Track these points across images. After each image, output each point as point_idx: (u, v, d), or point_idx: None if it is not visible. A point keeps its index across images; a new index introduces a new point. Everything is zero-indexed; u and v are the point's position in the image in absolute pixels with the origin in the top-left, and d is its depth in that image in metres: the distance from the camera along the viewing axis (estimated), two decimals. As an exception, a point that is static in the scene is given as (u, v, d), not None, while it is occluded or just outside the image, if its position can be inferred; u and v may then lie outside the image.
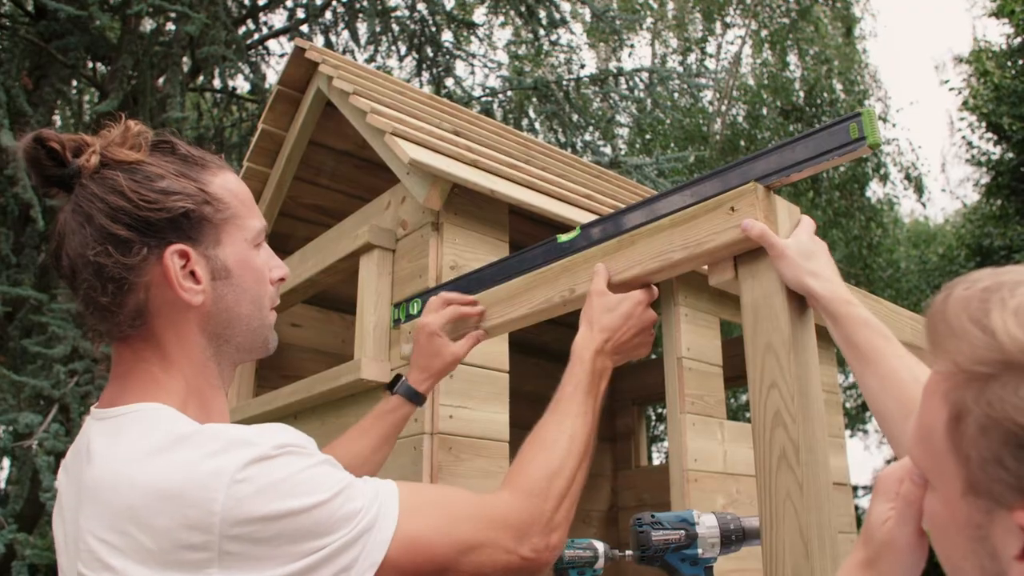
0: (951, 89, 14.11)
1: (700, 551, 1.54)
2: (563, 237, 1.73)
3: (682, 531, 1.56)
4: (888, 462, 23.35)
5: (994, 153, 13.25)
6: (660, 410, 12.88)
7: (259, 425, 0.96)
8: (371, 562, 0.94)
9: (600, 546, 1.71)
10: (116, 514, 0.90)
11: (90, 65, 7.35)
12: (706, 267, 1.45)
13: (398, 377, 1.72)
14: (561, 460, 1.20)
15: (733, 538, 1.58)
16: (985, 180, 13.81)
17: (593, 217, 2.51)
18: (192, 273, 1.04)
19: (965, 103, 13.58)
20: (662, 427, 15.01)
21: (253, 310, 1.11)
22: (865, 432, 23.35)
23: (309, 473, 0.92)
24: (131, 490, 0.90)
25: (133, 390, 1.03)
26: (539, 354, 4.20)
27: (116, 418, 1.00)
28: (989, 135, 13.16)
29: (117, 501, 0.90)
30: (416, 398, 1.70)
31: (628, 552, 1.74)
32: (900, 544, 0.80)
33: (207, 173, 1.09)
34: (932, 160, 41.56)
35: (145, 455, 0.92)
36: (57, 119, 8.20)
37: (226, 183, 1.10)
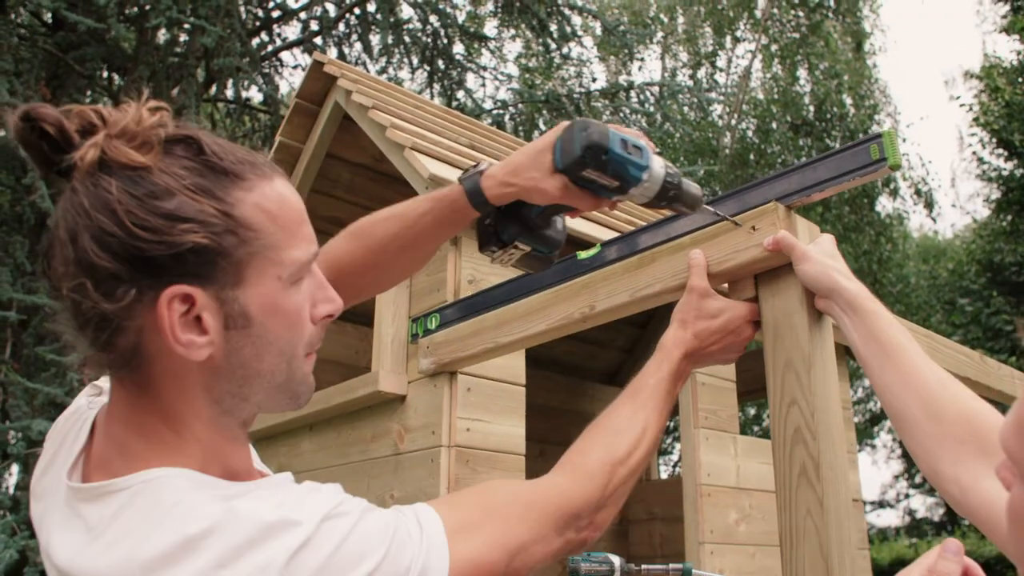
0: (961, 105, 14.11)
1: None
2: (583, 254, 1.74)
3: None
4: (896, 477, 23.22)
5: (1005, 169, 13.25)
6: (670, 422, 12.84)
7: (286, 488, 0.82)
8: None
9: (616, 560, 1.73)
10: None
11: (106, 75, 7.42)
12: (726, 285, 1.46)
13: (476, 164, 1.27)
14: (629, 449, 1.11)
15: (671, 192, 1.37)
16: (996, 196, 13.81)
17: (609, 232, 2.53)
18: (198, 319, 0.79)
19: (976, 119, 13.59)
20: (669, 440, 14.98)
21: (279, 363, 0.86)
22: (873, 447, 23.25)
23: (356, 538, 0.77)
24: None
25: (135, 452, 0.82)
26: (552, 367, 4.22)
27: (109, 496, 0.78)
28: (1000, 151, 13.17)
29: None
30: (478, 200, 1.21)
31: (644, 566, 1.76)
32: None
33: (239, 187, 0.81)
34: (942, 175, 41.53)
35: (147, 572, 0.72)
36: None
37: (264, 200, 0.83)
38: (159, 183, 0.77)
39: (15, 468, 5.40)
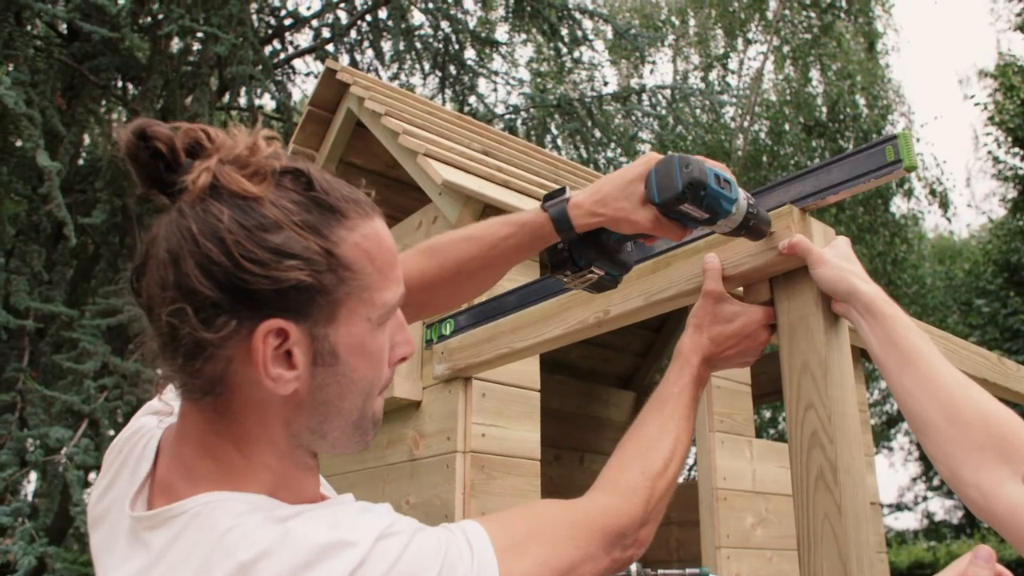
0: (976, 104, 14.02)
1: None
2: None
3: None
4: (914, 480, 23.07)
5: (1021, 168, 13.16)
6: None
7: (338, 509, 0.81)
8: None
9: (632, 565, 1.73)
10: None
11: (120, 85, 7.48)
12: (741, 288, 1.46)
13: (561, 191, 1.25)
14: (665, 461, 1.11)
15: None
16: (1012, 195, 13.71)
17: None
18: (288, 354, 0.79)
19: (991, 118, 13.50)
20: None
21: (359, 403, 0.86)
22: (890, 450, 23.10)
23: (409, 557, 0.77)
24: None
25: (201, 476, 0.82)
26: (567, 372, 4.22)
27: (172, 520, 0.78)
28: (1015, 150, 13.09)
29: None
30: (564, 227, 1.21)
31: (660, 571, 1.75)
32: None
33: (343, 226, 0.81)
34: (957, 175, 41.27)
35: None
36: (87, 138, 8.34)
37: (365, 241, 0.83)
38: (269, 216, 0.77)
39: (33, 476, 5.44)
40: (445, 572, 0.77)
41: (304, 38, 8.98)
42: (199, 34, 6.22)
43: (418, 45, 8.58)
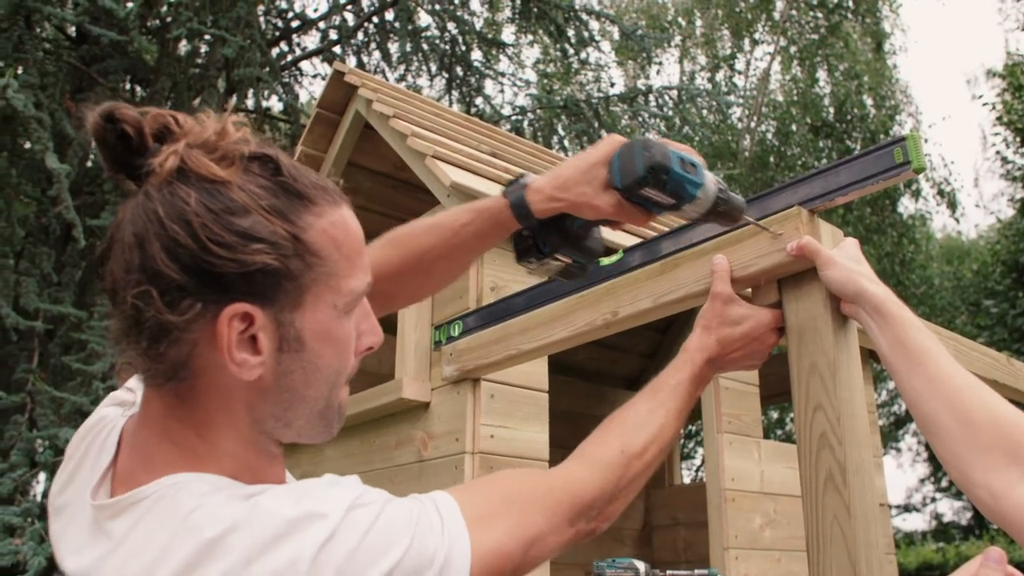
0: (984, 104, 13.98)
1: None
2: (605, 260, 1.75)
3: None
4: (922, 481, 22.99)
5: (1029, 168, 13.11)
6: (690, 427, 12.80)
7: (305, 483, 0.81)
8: None
9: (641, 566, 1.73)
10: None
11: (129, 87, 7.51)
12: (750, 290, 1.46)
13: (521, 176, 1.25)
14: (645, 444, 1.10)
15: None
16: (1021, 195, 13.66)
17: (632, 238, 2.53)
18: (253, 339, 0.79)
19: (999, 118, 13.46)
20: (691, 444, 14.92)
21: (324, 391, 0.85)
22: (898, 451, 23.04)
23: (380, 527, 0.77)
24: None
25: (162, 461, 0.81)
26: (574, 373, 4.22)
27: (133, 507, 0.77)
28: (1024, 150, 13.03)
29: None
30: (523, 213, 1.20)
31: (669, 572, 1.76)
32: None
33: (310, 212, 0.81)
34: (965, 175, 41.11)
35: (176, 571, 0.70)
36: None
37: (332, 228, 0.83)
38: (236, 200, 0.76)
39: (42, 476, 5.47)
40: (416, 542, 0.78)
41: (311, 40, 9.00)
42: (207, 36, 6.24)
43: (425, 47, 8.60)
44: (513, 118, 9.50)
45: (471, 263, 1.33)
